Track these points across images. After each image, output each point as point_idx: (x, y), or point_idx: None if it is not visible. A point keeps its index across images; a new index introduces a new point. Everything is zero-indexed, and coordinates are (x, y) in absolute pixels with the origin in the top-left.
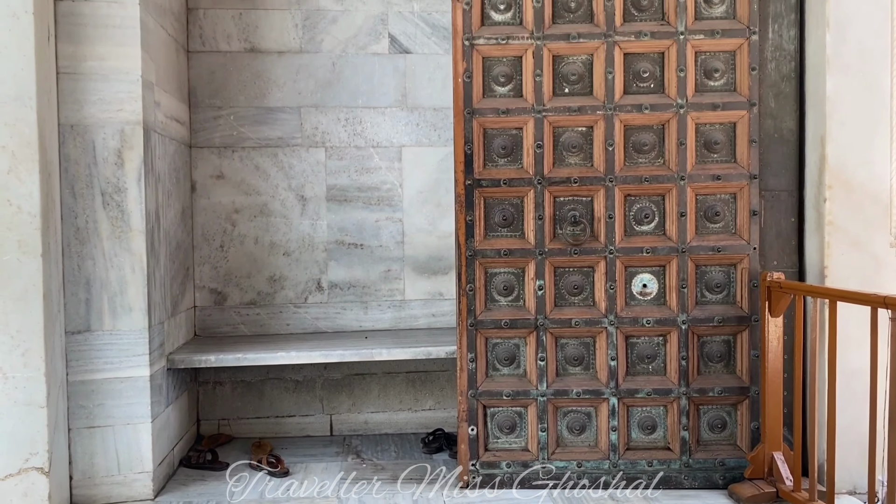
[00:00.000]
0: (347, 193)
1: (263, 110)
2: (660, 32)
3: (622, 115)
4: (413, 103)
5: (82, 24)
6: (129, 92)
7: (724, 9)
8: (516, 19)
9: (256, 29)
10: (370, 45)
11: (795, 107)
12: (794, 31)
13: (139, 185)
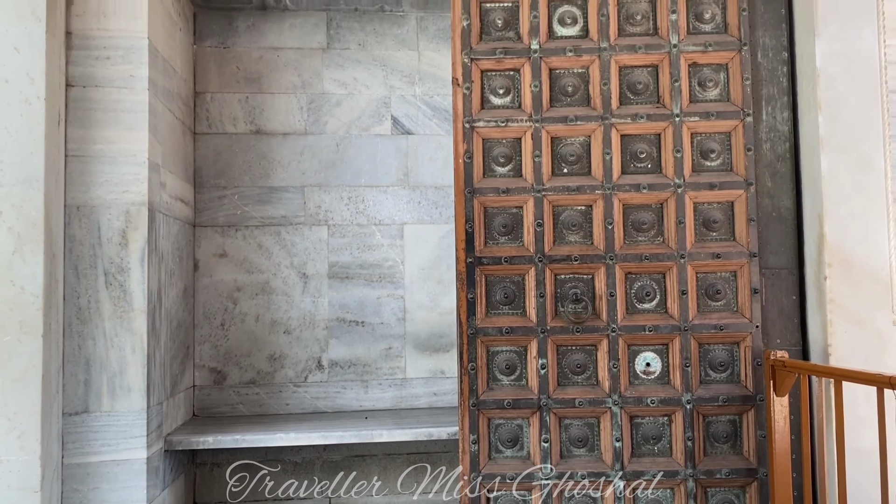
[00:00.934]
0: (349, 271)
1: (267, 190)
2: (655, 115)
3: (621, 194)
4: (415, 182)
5: (92, 108)
6: (136, 174)
7: (717, 92)
8: (515, 103)
9: (262, 112)
10: (373, 127)
11: (792, 186)
12: (788, 112)
13: (142, 265)
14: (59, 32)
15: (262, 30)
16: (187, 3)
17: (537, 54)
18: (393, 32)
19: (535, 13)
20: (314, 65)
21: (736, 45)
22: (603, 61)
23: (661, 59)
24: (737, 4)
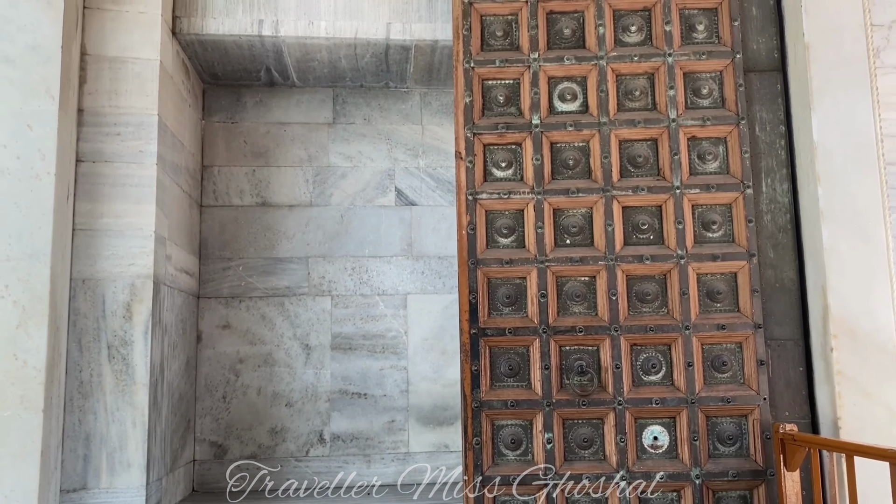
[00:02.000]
0: (352, 341)
1: (272, 261)
2: (656, 187)
3: (624, 265)
4: (418, 252)
5: (101, 183)
6: (142, 247)
7: (717, 165)
8: (517, 175)
9: (269, 184)
10: (377, 198)
11: (794, 256)
12: (787, 184)
13: (146, 338)
14: (71, 110)
15: (269, 105)
16: (197, 80)
17: (538, 129)
18: (397, 107)
19: (535, 89)
20: (320, 139)
21: (734, 120)
22: (603, 135)
23: (661, 133)
24: (733, 80)
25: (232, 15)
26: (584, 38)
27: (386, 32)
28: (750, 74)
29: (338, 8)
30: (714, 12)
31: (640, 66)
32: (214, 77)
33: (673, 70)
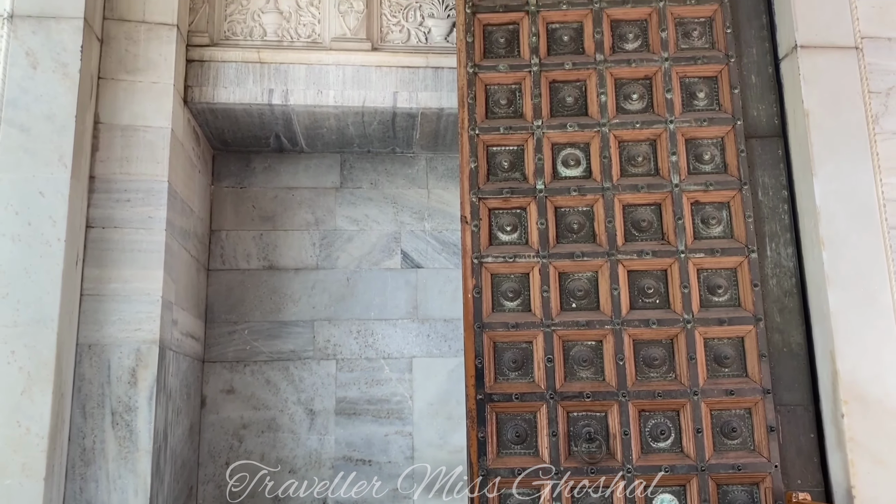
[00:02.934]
0: (357, 406)
1: (278, 324)
2: (661, 251)
3: (630, 329)
4: (424, 315)
5: (109, 248)
6: (149, 312)
7: (721, 229)
8: (522, 239)
9: (276, 248)
10: (383, 261)
11: (801, 321)
12: (791, 249)
13: (150, 404)
14: (83, 177)
15: (277, 170)
16: (207, 147)
17: (543, 194)
18: (404, 172)
19: (539, 155)
20: (327, 203)
21: (736, 185)
22: (607, 200)
23: (664, 198)
24: (735, 146)
25: (243, 84)
26: (586, 105)
27: (393, 101)
28: (751, 140)
29: (346, 78)
30: (714, 80)
31: (643, 133)
32: (224, 143)
33: (675, 136)
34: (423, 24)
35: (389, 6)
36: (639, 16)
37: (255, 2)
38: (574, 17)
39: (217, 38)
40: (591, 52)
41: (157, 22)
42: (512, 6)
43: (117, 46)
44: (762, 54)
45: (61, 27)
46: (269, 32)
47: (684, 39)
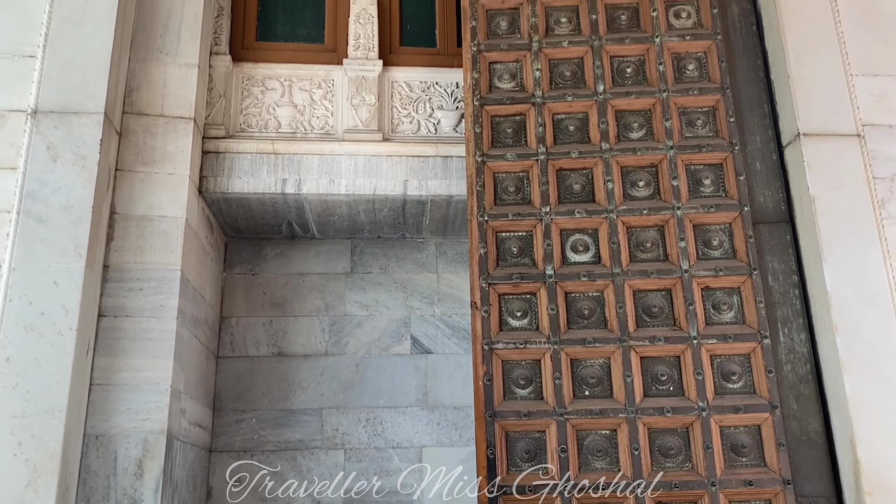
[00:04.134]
0: (365, 499)
1: (286, 413)
2: (673, 337)
3: (645, 417)
4: (434, 402)
5: (120, 337)
6: (157, 402)
7: (732, 315)
8: (533, 325)
9: (285, 334)
10: (393, 347)
11: (818, 408)
12: (805, 334)
13: (155, 497)
14: (97, 267)
15: (289, 257)
16: (220, 234)
17: (552, 279)
18: (413, 257)
19: (548, 241)
20: (337, 288)
21: (746, 270)
22: (617, 286)
23: (674, 284)
24: (743, 232)
25: (257, 174)
26: (593, 192)
27: (403, 189)
28: (759, 226)
29: (358, 167)
30: (719, 167)
31: (650, 219)
32: (237, 231)
33: (682, 222)
34: (432, 115)
35: (400, 99)
36: (643, 106)
37: (271, 96)
38: (579, 108)
39: (233, 131)
40: (596, 141)
41: (175, 116)
42: (518, 98)
43: (135, 139)
44: (766, 142)
45: (82, 122)
46: (283, 125)
47: (688, 128)
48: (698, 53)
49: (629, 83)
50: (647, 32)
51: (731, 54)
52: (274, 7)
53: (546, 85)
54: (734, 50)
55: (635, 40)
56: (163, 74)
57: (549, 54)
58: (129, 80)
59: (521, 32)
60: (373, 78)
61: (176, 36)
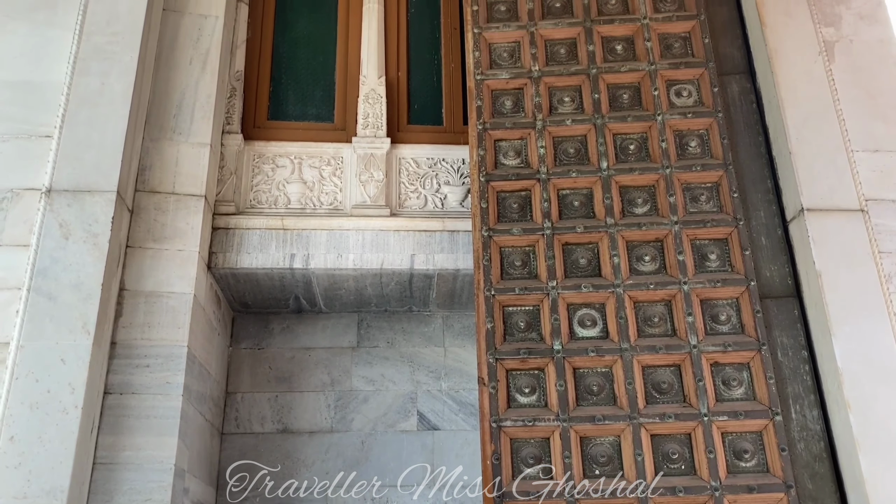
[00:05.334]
0: None
1: (287, 500)
2: (683, 414)
3: (656, 498)
4: (441, 481)
5: (125, 415)
6: (160, 481)
7: (742, 391)
8: (541, 402)
9: (290, 410)
10: (399, 423)
11: (834, 488)
12: (817, 411)
13: None
14: (104, 343)
15: (296, 331)
16: (227, 309)
17: (560, 354)
18: (420, 330)
19: (555, 316)
20: (344, 363)
21: (755, 346)
22: (625, 361)
23: (683, 359)
24: (750, 307)
25: (266, 250)
26: (599, 267)
27: (410, 263)
28: (766, 301)
29: (365, 242)
30: (725, 242)
31: (657, 294)
32: (244, 306)
33: (689, 297)
34: (439, 190)
35: (407, 175)
36: (646, 182)
37: (281, 173)
38: (584, 183)
39: (243, 207)
40: (601, 217)
41: (187, 193)
42: (524, 174)
43: (146, 216)
44: (770, 216)
45: (95, 200)
46: (292, 201)
47: (692, 203)
48: (700, 130)
49: (632, 160)
50: (648, 111)
51: (732, 131)
52: (286, 88)
53: (551, 161)
54: (735, 127)
55: (637, 118)
56: (175, 153)
57: (553, 132)
58: (143, 159)
59: (525, 111)
60: (381, 155)
61: (189, 116)
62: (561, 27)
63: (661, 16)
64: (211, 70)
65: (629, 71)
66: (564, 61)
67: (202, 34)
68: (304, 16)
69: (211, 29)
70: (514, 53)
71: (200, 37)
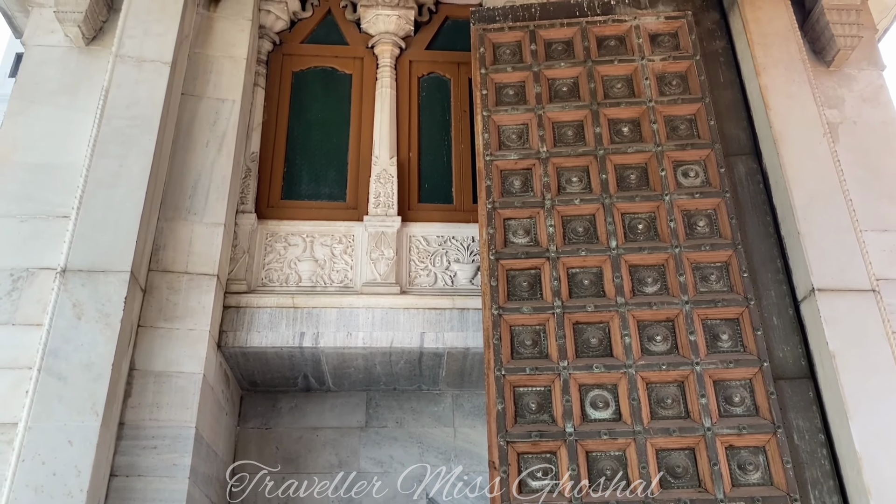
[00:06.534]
0: None
1: None
2: (699, 500)
3: None
4: None
5: (131, 498)
6: None
7: (759, 475)
8: (553, 487)
9: (297, 493)
10: None
11: None
12: (837, 497)
13: None
14: (112, 425)
15: (304, 410)
16: (236, 388)
17: (573, 437)
18: (430, 410)
19: (567, 397)
20: (352, 443)
21: (770, 428)
22: (639, 444)
23: (697, 442)
24: (764, 388)
25: (276, 328)
26: (611, 346)
27: (420, 341)
28: (780, 382)
29: (375, 320)
30: (736, 322)
31: (670, 375)
32: (253, 384)
33: (702, 378)
34: (449, 268)
35: (418, 253)
36: (656, 261)
37: (293, 251)
38: (593, 262)
39: (254, 285)
40: (612, 295)
41: (199, 273)
42: (533, 253)
43: (159, 296)
44: (780, 296)
45: (108, 280)
46: (303, 279)
47: (702, 283)
48: (708, 210)
49: (641, 239)
50: (656, 191)
51: (740, 211)
52: (299, 168)
53: (560, 240)
54: (743, 207)
55: (645, 198)
56: (189, 233)
57: (561, 211)
58: (157, 238)
59: (534, 191)
60: (392, 233)
61: (204, 196)
62: (568, 110)
63: (667, 98)
64: (227, 152)
65: (636, 152)
66: (572, 142)
67: (219, 117)
68: (318, 99)
69: (228, 112)
70: (523, 135)
71: (217, 120)
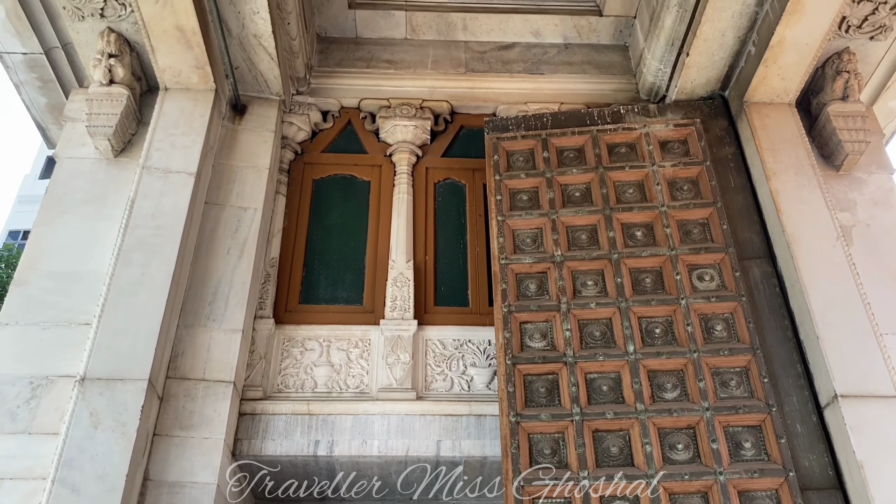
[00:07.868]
0: None
1: None
2: None
3: None
4: None
5: None
6: None
7: None
8: None
9: None
10: None
11: None
12: None
13: None
14: None
15: None
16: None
17: None
18: None
19: None
20: None
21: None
22: None
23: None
24: (791, 499)
25: (291, 436)
26: (631, 455)
27: (436, 450)
28: (807, 493)
29: (391, 427)
30: (759, 429)
31: (693, 485)
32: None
33: (727, 489)
34: (465, 372)
35: (434, 357)
36: (675, 366)
37: (309, 356)
38: (611, 367)
39: (270, 392)
40: (631, 402)
41: (216, 380)
42: (550, 357)
43: (175, 403)
44: (803, 402)
45: (126, 388)
46: (319, 384)
47: (722, 388)
48: (725, 314)
49: (659, 343)
50: (672, 294)
51: (757, 315)
52: (318, 273)
53: (577, 344)
54: (760, 310)
55: (661, 302)
56: (207, 340)
57: (577, 315)
58: (176, 345)
59: (549, 294)
60: (408, 337)
61: (224, 303)
62: (581, 214)
63: (679, 203)
64: (247, 259)
65: (650, 256)
66: (586, 246)
67: (241, 225)
68: (337, 205)
69: (249, 220)
70: (537, 239)
71: (239, 227)
